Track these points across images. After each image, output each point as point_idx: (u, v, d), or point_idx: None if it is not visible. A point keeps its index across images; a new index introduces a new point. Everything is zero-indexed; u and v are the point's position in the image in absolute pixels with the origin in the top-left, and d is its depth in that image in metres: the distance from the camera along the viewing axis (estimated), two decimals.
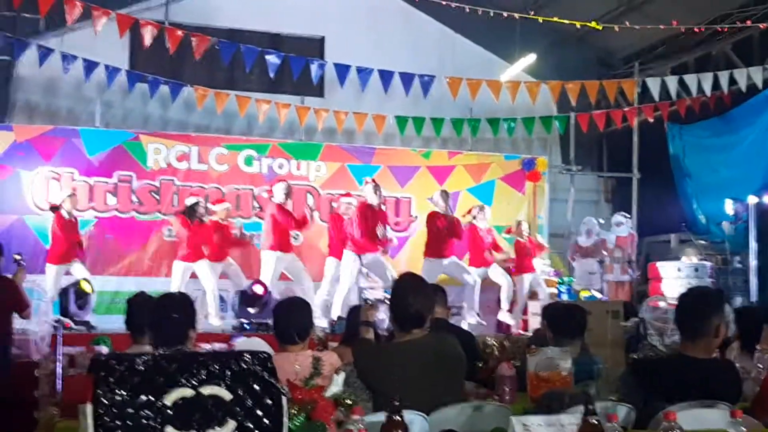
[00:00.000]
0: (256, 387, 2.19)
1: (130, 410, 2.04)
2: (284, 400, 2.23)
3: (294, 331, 4.39)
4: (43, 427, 4.33)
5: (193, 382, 2.13)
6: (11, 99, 13.16)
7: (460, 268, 11.17)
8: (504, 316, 11.47)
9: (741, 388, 4.19)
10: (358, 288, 4.71)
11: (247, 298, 10.34)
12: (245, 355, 2.23)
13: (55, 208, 10.70)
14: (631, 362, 4.15)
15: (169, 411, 2.07)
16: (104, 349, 8.71)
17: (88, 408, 2.03)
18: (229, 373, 2.18)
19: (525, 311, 11.66)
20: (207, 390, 2.13)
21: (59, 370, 7.94)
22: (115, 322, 10.42)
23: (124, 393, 2.06)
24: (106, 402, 2.04)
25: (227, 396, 2.15)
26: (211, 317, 10.51)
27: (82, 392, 3.75)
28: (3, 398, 7.61)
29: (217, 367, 2.18)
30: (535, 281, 11.97)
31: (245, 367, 2.21)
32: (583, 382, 4.76)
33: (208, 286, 10.70)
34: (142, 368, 2.11)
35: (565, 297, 11.56)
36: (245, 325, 10.13)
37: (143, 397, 2.07)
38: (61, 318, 8.84)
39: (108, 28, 11.45)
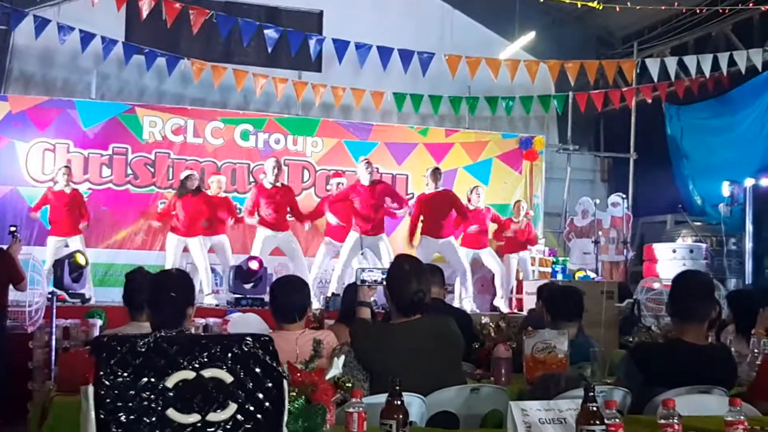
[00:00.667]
0: (257, 370, 2.18)
1: (131, 392, 2.03)
2: (285, 383, 2.22)
3: (292, 311, 4.39)
4: (39, 401, 4.32)
5: (195, 365, 2.12)
6: (7, 69, 13.07)
7: (453, 251, 11.17)
8: (499, 302, 11.50)
9: (736, 373, 4.21)
10: (356, 269, 4.70)
11: (242, 273, 10.33)
12: (246, 338, 2.22)
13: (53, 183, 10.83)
14: (630, 348, 4.15)
15: (170, 393, 2.06)
16: (98, 322, 8.75)
17: (90, 389, 2.01)
18: (230, 355, 2.17)
19: (519, 290, 11.67)
20: (208, 372, 2.12)
21: (53, 342, 7.97)
22: (110, 295, 10.54)
23: (126, 375, 2.05)
24: (108, 384, 2.02)
25: (228, 378, 2.13)
26: (205, 294, 10.51)
27: (78, 367, 3.76)
28: None
29: (219, 350, 2.16)
30: (522, 262, 11.97)
31: (246, 349, 2.20)
32: (578, 363, 4.78)
33: (200, 263, 10.71)
34: (144, 350, 2.10)
35: (560, 277, 11.58)
36: (240, 301, 10.12)
37: (144, 379, 2.05)
38: (56, 290, 8.81)
39: None
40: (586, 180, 15.98)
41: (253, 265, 10.30)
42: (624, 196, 13.91)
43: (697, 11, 13.52)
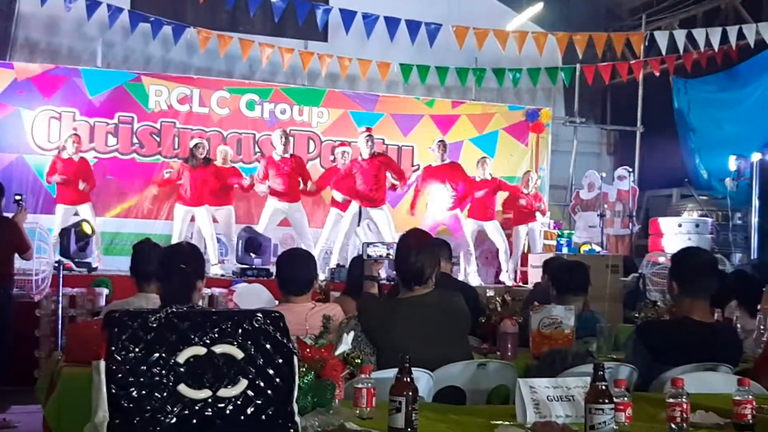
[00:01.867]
0: (268, 346, 2.19)
1: (143, 367, 2.04)
2: (295, 359, 2.23)
3: (298, 284, 4.40)
4: (47, 371, 4.34)
5: (206, 341, 2.13)
6: (12, 36, 12.99)
7: (458, 225, 11.18)
8: (504, 277, 11.50)
9: (741, 350, 4.22)
10: (362, 243, 4.77)
11: (248, 243, 10.36)
12: (257, 314, 2.23)
13: (59, 150, 10.78)
14: (638, 325, 4.16)
15: (181, 369, 2.07)
16: (105, 291, 8.80)
17: (102, 364, 2.02)
18: (241, 331, 2.18)
19: (524, 263, 11.68)
20: (219, 348, 2.13)
21: (60, 311, 8.02)
22: (115, 264, 10.57)
23: (137, 350, 2.05)
24: (119, 359, 2.03)
25: (239, 354, 2.14)
26: (211, 264, 10.52)
27: (87, 338, 3.78)
28: (4, 337, 7.67)
29: (230, 326, 2.17)
30: (531, 233, 11.94)
31: (257, 325, 2.21)
32: (584, 338, 4.80)
33: (206, 232, 10.76)
34: (155, 325, 2.10)
35: (565, 250, 11.57)
36: (246, 271, 10.15)
37: (156, 355, 2.06)
38: (62, 259, 8.84)
39: None
40: (592, 153, 15.93)
41: None
42: (630, 169, 13.87)
43: None
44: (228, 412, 2.08)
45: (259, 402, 2.13)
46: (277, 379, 2.17)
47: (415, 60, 13.68)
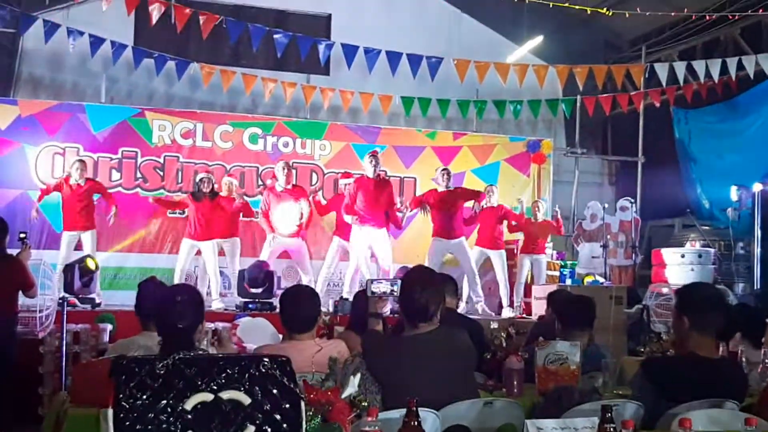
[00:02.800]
0: (275, 391, 2.20)
1: (150, 415, 2.05)
2: (302, 403, 2.23)
3: (303, 321, 4.40)
4: (54, 410, 4.33)
5: (213, 387, 2.14)
6: (16, 73, 13.09)
7: (464, 252, 11.18)
8: (506, 312, 11.44)
9: (747, 386, 4.20)
10: (366, 280, 4.79)
11: (251, 277, 10.34)
12: (264, 359, 2.24)
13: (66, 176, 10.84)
14: (643, 362, 4.14)
15: (188, 416, 2.08)
16: (108, 327, 8.77)
17: (110, 412, 2.03)
18: (247, 377, 2.19)
19: (528, 294, 11.65)
20: (226, 394, 2.14)
21: (64, 347, 7.99)
22: (119, 298, 10.55)
23: (145, 398, 2.06)
24: (127, 406, 2.04)
25: (246, 400, 2.15)
26: (213, 299, 10.49)
27: (92, 380, 3.76)
28: (8, 374, 7.64)
29: (236, 372, 2.18)
30: (536, 264, 11.89)
31: (264, 371, 2.22)
32: (589, 373, 4.77)
33: (210, 268, 10.72)
34: (162, 372, 2.11)
35: (568, 281, 11.55)
36: (248, 305, 10.12)
37: (163, 402, 2.07)
38: (66, 295, 8.82)
39: (114, 3, 11.39)
40: (594, 183, 15.98)
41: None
42: (632, 200, 13.89)
43: (707, 18, 13.48)
44: None
45: None
46: (285, 425, 2.18)
47: (416, 93, 13.76)
